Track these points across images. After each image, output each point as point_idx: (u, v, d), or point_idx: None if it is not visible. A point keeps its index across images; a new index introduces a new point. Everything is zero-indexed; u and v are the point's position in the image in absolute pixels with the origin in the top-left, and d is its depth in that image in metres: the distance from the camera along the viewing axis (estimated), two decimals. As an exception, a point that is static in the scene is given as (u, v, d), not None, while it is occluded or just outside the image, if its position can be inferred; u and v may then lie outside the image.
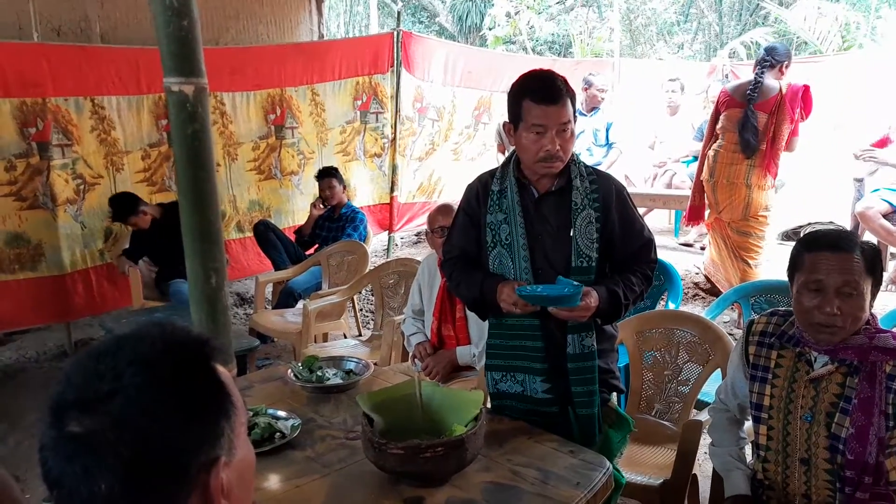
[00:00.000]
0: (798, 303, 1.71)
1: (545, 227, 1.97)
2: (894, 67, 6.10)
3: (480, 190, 2.06)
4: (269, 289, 4.95)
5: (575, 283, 1.82)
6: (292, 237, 5.23)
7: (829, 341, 1.68)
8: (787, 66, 4.12)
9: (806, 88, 4.06)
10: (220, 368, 0.78)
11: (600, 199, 1.96)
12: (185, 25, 1.11)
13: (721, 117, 4.22)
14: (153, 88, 4.63)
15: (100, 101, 4.48)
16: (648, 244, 2.04)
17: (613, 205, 1.98)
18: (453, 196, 5.98)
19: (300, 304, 4.60)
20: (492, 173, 2.08)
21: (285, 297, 4.70)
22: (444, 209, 2.81)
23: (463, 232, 2.10)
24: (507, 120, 2.01)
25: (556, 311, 1.86)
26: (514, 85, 1.97)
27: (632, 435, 2.15)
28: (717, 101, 4.28)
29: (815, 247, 1.71)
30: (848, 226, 4.72)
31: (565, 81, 1.94)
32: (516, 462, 1.69)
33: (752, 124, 4.01)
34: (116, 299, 4.71)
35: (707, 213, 4.47)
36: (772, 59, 4.09)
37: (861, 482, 1.66)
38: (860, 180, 4.73)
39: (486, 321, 2.11)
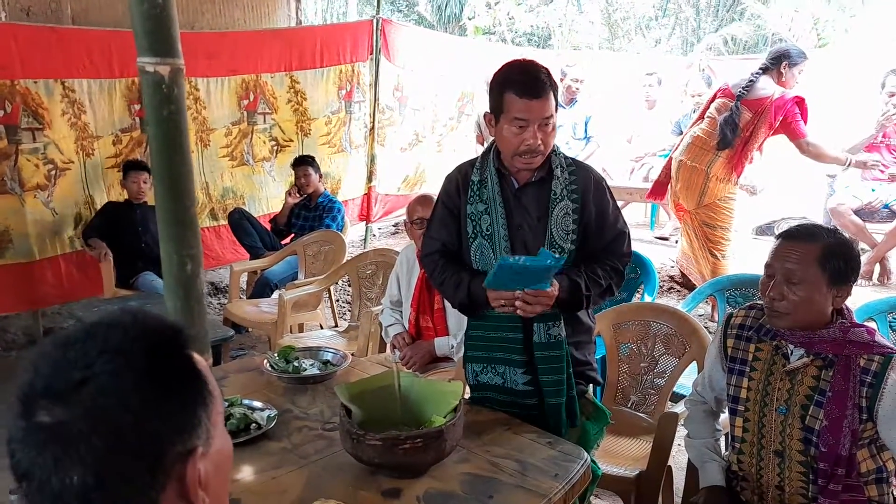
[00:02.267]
0: (760, 287, 1.79)
1: (525, 218, 1.95)
2: (866, 65, 6.19)
3: (460, 180, 2.04)
4: (243, 278, 4.89)
5: (556, 255, 1.76)
6: (267, 225, 5.18)
7: (778, 326, 1.74)
8: (787, 68, 4.04)
9: (800, 100, 4.03)
10: (197, 356, 0.75)
11: (579, 189, 1.95)
12: (160, 3, 1.08)
13: (713, 104, 4.26)
14: (126, 72, 4.52)
15: (70, 84, 4.37)
16: (622, 237, 2.02)
17: (591, 195, 1.97)
18: (435, 188, 5.97)
19: (276, 295, 4.54)
20: (472, 163, 2.06)
21: (261, 287, 4.65)
22: (423, 200, 2.79)
23: (442, 224, 2.08)
24: (488, 110, 1.98)
25: (522, 305, 1.82)
26: (496, 75, 1.93)
27: (608, 427, 2.15)
28: (718, 89, 4.33)
29: (783, 236, 1.78)
30: (820, 221, 4.79)
31: (549, 73, 1.91)
32: (495, 453, 1.69)
33: (734, 120, 4.04)
34: (87, 288, 4.61)
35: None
36: (768, 63, 4.08)
37: (834, 474, 1.68)
38: (833, 176, 4.80)
39: None
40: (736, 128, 4.04)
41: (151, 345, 0.71)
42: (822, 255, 1.67)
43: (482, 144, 6.10)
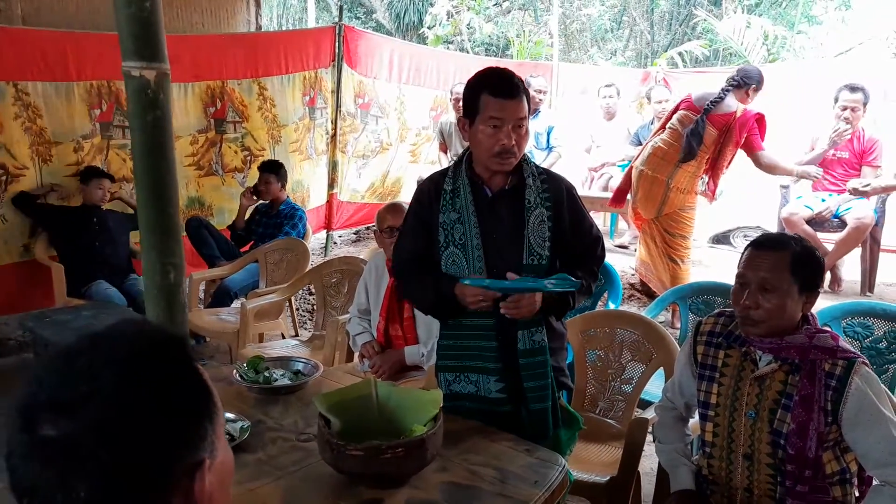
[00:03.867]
0: (732, 296, 1.83)
1: (499, 226, 1.97)
2: (812, 80, 6.44)
3: (432, 190, 2.04)
4: (201, 287, 4.79)
5: (533, 276, 1.86)
6: (226, 233, 5.09)
7: (752, 333, 1.78)
8: (754, 91, 4.17)
9: (760, 117, 4.18)
10: (201, 367, 0.74)
11: (552, 198, 1.98)
12: (147, 6, 1.06)
13: (675, 115, 4.33)
14: (84, 75, 4.39)
15: (23, 87, 4.21)
16: (597, 242, 2.09)
17: (565, 204, 2.00)
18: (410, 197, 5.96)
19: (236, 304, 4.47)
20: (443, 173, 2.07)
21: (220, 296, 4.55)
22: (392, 209, 2.78)
23: (413, 235, 2.08)
24: (462, 116, 2.00)
25: (505, 308, 1.87)
26: (471, 79, 1.97)
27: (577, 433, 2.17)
28: (681, 100, 4.39)
29: (752, 245, 1.83)
30: (774, 230, 4.94)
31: (522, 80, 1.95)
32: (473, 461, 1.69)
33: (699, 133, 4.13)
34: (37, 298, 4.44)
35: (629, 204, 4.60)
36: (740, 80, 4.17)
37: (801, 476, 1.73)
38: (786, 187, 4.96)
39: (438, 321, 2.10)
40: (701, 140, 4.13)
41: (159, 356, 0.69)
42: (794, 262, 1.73)
43: (445, 153, 6.11)
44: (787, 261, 1.73)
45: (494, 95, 1.88)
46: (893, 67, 6.54)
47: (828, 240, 4.69)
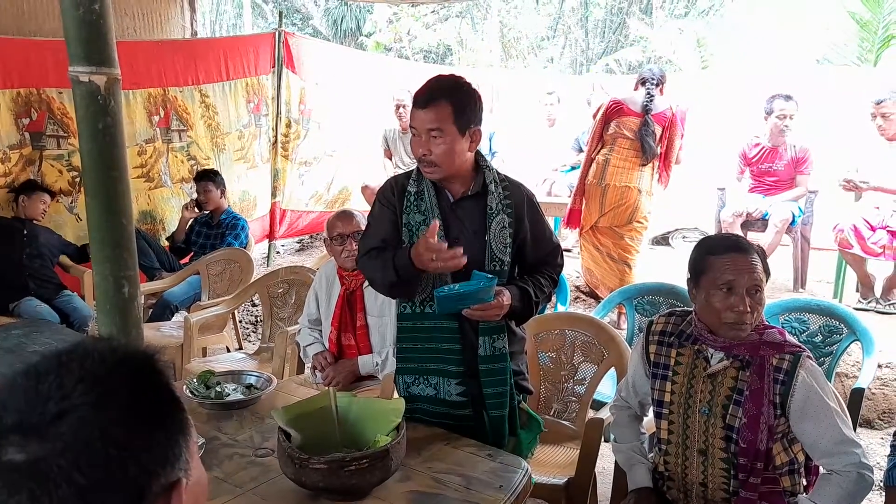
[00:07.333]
0: (708, 304, 1.80)
1: (462, 230, 1.97)
2: (738, 86, 6.69)
3: (396, 190, 2.03)
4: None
5: (489, 275, 1.84)
6: (165, 243, 4.95)
7: (738, 337, 1.79)
8: (664, 87, 4.46)
9: (685, 111, 4.46)
10: (173, 383, 0.71)
11: (513, 204, 1.99)
12: (97, 9, 1.01)
13: (612, 124, 4.38)
14: (10, 83, 4.17)
15: (-58, 96, 4.00)
16: (556, 249, 2.11)
17: (525, 211, 2.02)
18: (360, 204, 5.91)
19: (178, 317, 4.34)
20: (407, 175, 2.06)
21: (160, 310, 4.41)
22: (343, 216, 2.74)
23: (380, 221, 2.02)
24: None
25: (469, 313, 1.86)
26: None
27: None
28: (607, 110, 4.43)
29: (719, 251, 1.82)
30: (712, 231, 5.10)
31: (451, 87, 1.91)
32: (437, 469, 1.68)
33: (653, 131, 4.24)
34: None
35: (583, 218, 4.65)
36: (658, 79, 4.38)
37: (753, 468, 1.79)
38: (722, 189, 5.13)
39: (396, 325, 2.07)
40: (655, 138, 4.26)
41: (132, 373, 0.66)
42: (762, 261, 1.79)
43: (390, 159, 6.09)
44: (759, 260, 1.79)
45: (413, 105, 1.93)
46: (815, 74, 6.86)
47: (754, 239, 4.88)
